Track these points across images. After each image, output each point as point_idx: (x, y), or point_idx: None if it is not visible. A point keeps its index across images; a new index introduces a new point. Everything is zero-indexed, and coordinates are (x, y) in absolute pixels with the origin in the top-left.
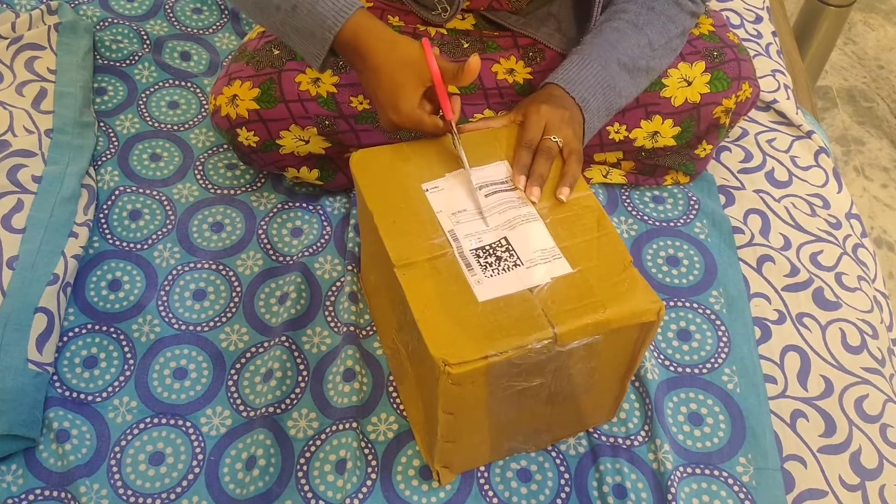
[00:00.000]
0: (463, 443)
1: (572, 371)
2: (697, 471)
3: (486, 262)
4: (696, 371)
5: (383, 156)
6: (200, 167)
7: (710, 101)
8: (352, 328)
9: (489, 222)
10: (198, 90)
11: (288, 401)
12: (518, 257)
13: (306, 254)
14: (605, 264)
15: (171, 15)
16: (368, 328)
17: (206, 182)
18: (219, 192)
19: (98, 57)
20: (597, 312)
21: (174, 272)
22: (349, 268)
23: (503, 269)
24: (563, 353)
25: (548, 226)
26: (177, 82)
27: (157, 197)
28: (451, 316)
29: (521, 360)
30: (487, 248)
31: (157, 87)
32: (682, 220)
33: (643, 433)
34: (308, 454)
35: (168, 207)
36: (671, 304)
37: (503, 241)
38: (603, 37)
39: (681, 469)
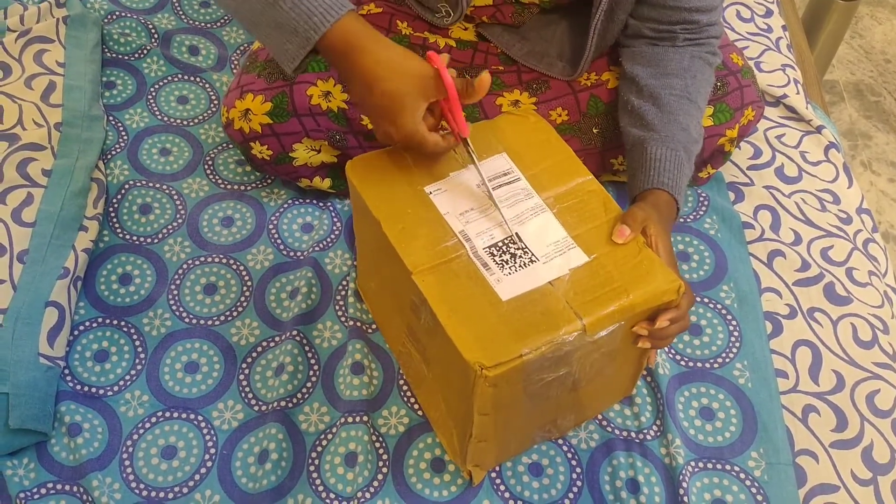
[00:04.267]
0: (495, 440)
1: (596, 356)
2: (709, 465)
3: (502, 260)
4: (708, 366)
5: (380, 161)
6: (210, 162)
7: (713, 133)
8: (357, 323)
9: (504, 214)
10: (207, 85)
11: (299, 395)
12: (533, 253)
13: (317, 249)
14: (619, 248)
15: (178, 8)
16: (375, 323)
17: (216, 177)
18: (229, 187)
19: (106, 50)
20: (620, 298)
21: (184, 266)
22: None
23: (520, 266)
24: (590, 341)
25: (556, 215)
26: (186, 77)
27: (167, 191)
28: (478, 318)
29: (553, 353)
30: (500, 244)
31: (165, 81)
32: (691, 216)
33: (655, 427)
34: (320, 448)
35: (178, 202)
36: None
37: (515, 238)
38: (678, 124)
39: (692, 464)
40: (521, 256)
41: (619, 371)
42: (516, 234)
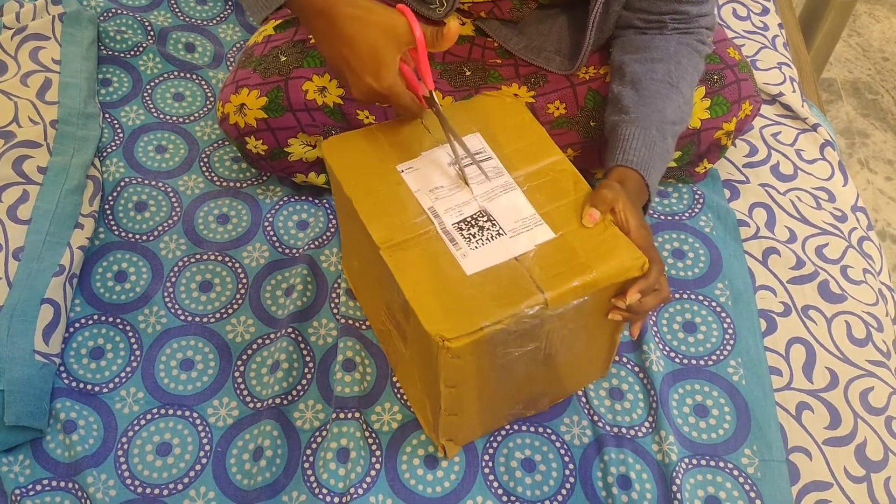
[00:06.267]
0: (466, 414)
1: (565, 332)
2: (703, 462)
3: (470, 234)
4: (702, 363)
5: (355, 140)
6: (206, 159)
7: (710, 126)
8: (350, 320)
9: (474, 190)
10: (203, 82)
11: (294, 392)
12: (500, 227)
13: (312, 246)
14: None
15: (174, 6)
16: (367, 320)
17: (212, 174)
18: (224, 184)
19: (102, 48)
20: (584, 274)
21: (180, 263)
22: None
23: (487, 239)
24: (555, 316)
25: (525, 193)
26: (182, 74)
27: (163, 188)
28: (442, 291)
29: (516, 327)
30: (469, 219)
31: (161, 78)
32: (686, 214)
33: (647, 424)
34: (314, 445)
35: (174, 199)
36: (676, 296)
37: (483, 212)
38: (652, 106)
39: (686, 460)
40: (488, 229)
41: (592, 348)
42: (484, 209)
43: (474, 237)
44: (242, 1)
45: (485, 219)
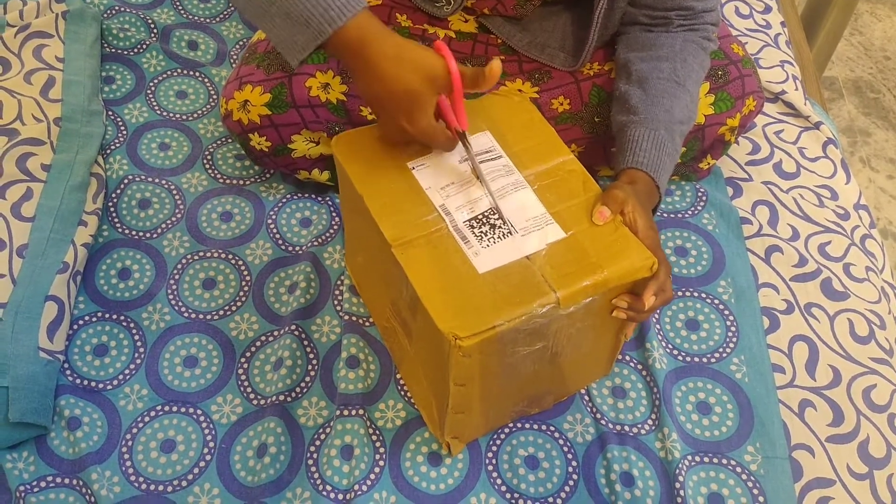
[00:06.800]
0: (472, 412)
1: (572, 331)
2: (706, 459)
3: (481, 232)
4: (705, 360)
5: (366, 137)
6: (209, 157)
7: (714, 121)
8: (353, 317)
9: (484, 188)
10: (206, 80)
11: (298, 389)
12: (511, 226)
13: (315, 243)
14: (596, 226)
15: (177, 3)
16: (370, 317)
17: (215, 172)
18: (228, 181)
19: (105, 45)
20: (595, 274)
21: (184, 261)
22: None
23: (498, 238)
24: (565, 315)
25: (536, 192)
26: (185, 72)
27: (167, 186)
28: (454, 289)
29: (527, 325)
30: (480, 216)
31: (165, 76)
32: (689, 212)
33: (650, 421)
34: (318, 442)
35: (177, 196)
36: (679, 293)
37: (495, 210)
38: (660, 105)
39: (689, 458)
40: (500, 227)
41: (597, 347)
42: (496, 207)
43: (486, 235)
44: (277, 45)
45: (496, 217)
